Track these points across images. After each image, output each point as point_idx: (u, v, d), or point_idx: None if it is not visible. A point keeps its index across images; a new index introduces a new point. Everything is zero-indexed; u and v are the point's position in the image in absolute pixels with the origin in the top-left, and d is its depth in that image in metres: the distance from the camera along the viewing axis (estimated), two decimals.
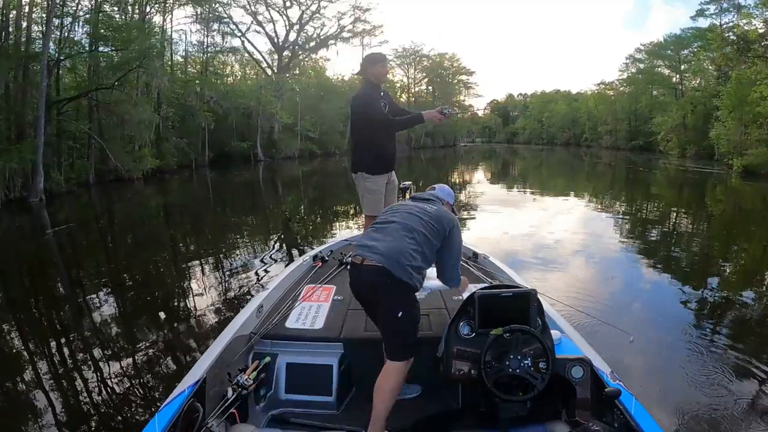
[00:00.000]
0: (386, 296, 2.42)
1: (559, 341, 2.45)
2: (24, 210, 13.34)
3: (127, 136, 20.09)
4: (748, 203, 16.12)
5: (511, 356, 2.18)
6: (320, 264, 4.21)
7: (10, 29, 16.64)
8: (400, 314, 2.37)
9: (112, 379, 3.91)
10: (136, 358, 4.33)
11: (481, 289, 2.48)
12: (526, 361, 2.18)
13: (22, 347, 4.78)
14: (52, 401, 3.59)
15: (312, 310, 3.23)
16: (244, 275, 6.97)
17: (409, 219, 2.51)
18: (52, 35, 18.06)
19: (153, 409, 2.33)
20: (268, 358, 2.69)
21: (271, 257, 8.14)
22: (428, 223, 2.50)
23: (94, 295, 6.29)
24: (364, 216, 4.30)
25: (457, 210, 2.99)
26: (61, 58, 18.18)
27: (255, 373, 2.52)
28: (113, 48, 19.23)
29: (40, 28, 16.86)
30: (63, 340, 4.90)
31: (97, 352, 4.50)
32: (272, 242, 9.90)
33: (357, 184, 4.18)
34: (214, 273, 7.36)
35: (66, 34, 18.64)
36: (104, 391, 3.74)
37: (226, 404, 2.22)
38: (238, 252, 8.74)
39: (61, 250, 9.42)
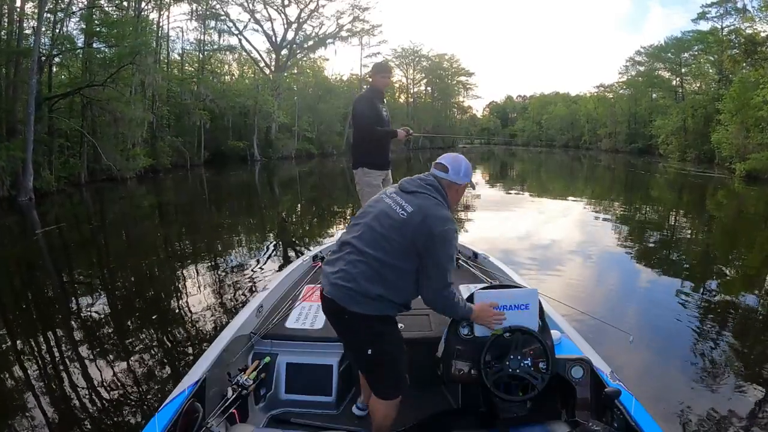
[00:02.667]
0: (347, 332, 2.22)
1: (559, 341, 2.43)
2: (13, 210, 13.03)
3: (121, 134, 19.72)
4: (752, 208, 15.95)
5: (511, 356, 2.16)
6: (320, 264, 4.16)
7: (4, 23, 16.31)
8: (369, 352, 2.14)
9: (112, 380, 3.90)
10: (136, 358, 4.32)
11: (481, 288, 2.42)
12: (525, 361, 2.16)
13: (15, 350, 4.70)
14: (50, 402, 3.58)
15: (312, 310, 3.23)
16: (243, 276, 6.94)
17: (366, 235, 2.10)
18: (43, 29, 17.80)
19: (153, 410, 2.30)
20: (268, 358, 2.70)
21: (270, 258, 8.13)
22: (388, 239, 2.04)
23: (88, 297, 6.21)
24: None
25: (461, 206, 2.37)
26: (54, 53, 17.83)
27: (255, 373, 2.52)
28: (106, 44, 18.88)
29: (33, 23, 16.48)
30: (59, 343, 4.81)
31: (96, 354, 4.45)
32: (271, 243, 9.89)
33: (357, 180, 4.44)
34: (212, 274, 7.23)
35: (58, 30, 18.29)
36: (104, 392, 3.72)
37: (226, 404, 2.22)
38: (236, 253, 8.71)
39: (51, 251, 9.14)
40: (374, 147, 4.37)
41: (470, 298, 2.29)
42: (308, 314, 3.19)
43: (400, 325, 2.75)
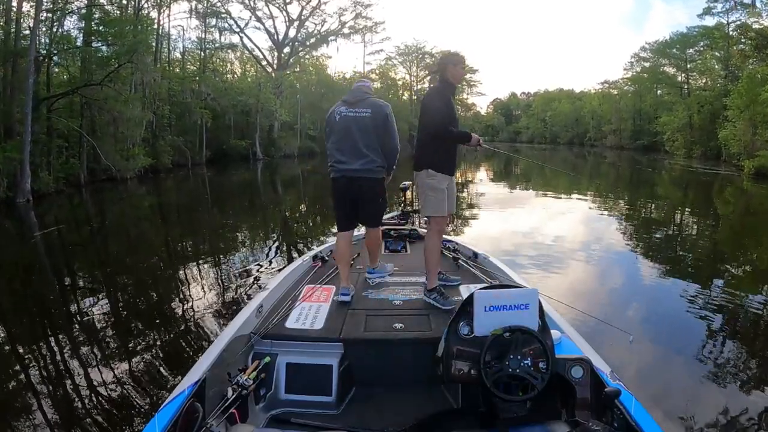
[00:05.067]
0: (370, 191, 3.64)
1: (559, 341, 2.43)
2: (10, 211, 12.86)
3: (121, 134, 19.54)
4: (761, 206, 15.71)
5: (511, 356, 2.16)
6: (320, 264, 4.28)
7: (1, 23, 16.12)
8: (380, 200, 3.75)
9: (112, 380, 3.90)
10: (136, 359, 4.33)
11: (481, 288, 2.41)
12: (525, 361, 2.16)
13: (15, 352, 4.73)
14: (50, 403, 3.61)
15: (312, 310, 3.26)
16: (243, 276, 6.94)
17: (355, 139, 3.55)
18: (44, 29, 17.65)
19: (153, 410, 2.30)
20: (268, 358, 2.69)
21: (270, 257, 8.10)
22: (366, 134, 3.55)
23: (87, 299, 6.18)
24: (421, 217, 3.94)
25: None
26: (54, 52, 17.70)
27: (255, 373, 2.51)
28: (105, 43, 18.69)
29: (30, 23, 16.28)
30: (59, 344, 4.82)
31: (96, 354, 4.47)
32: (272, 242, 9.86)
33: (420, 183, 3.76)
34: (213, 274, 7.24)
35: (56, 29, 18.15)
36: (104, 392, 3.73)
37: (226, 404, 2.21)
38: (237, 253, 8.71)
39: (50, 253, 9.01)
40: (444, 148, 3.74)
41: (470, 299, 2.29)
42: (308, 314, 3.20)
43: (400, 325, 3.01)
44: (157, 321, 5.44)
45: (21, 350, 4.72)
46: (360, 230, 4.40)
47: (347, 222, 3.75)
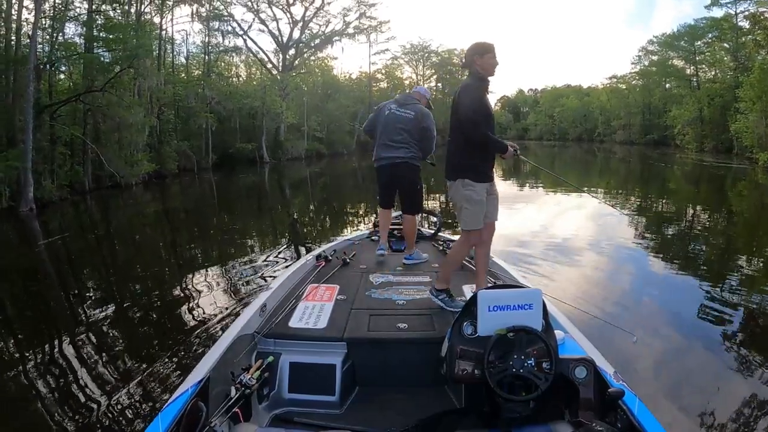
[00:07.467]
0: (409, 176, 4.57)
1: (563, 341, 2.45)
2: (13, 221, 12.79)
3: (125, 139, 19.42)
4: None
5: (515, 356, 2.18)
6: (323, 263, 4.34)
7: (1, 31, 16.10)
8: (418, 187, 4.67)
9: (116, 379, 3.97)
10: (140, 358, 4.39)
11: (485, 288, 2.45)
12: (529, 361, 2.17)
13: (21, 352, 4.82)
14: (54, 402, 3.66)
15: (315, 310, 3.28)
16: (247, 275, 7.02)
17: (399, 132, 4.51)
18: (45, 36, 17.62)
19: (156, 409, 2.30)
20: (271, 358, 2.71)
21: (274, 257, 8.11)
22: (408, 130, 4.51)
23: (93, 302, 6.28)
24: (461, 230, 3.54)
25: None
26: (53, 60, 17.65)
27: (258, 372, 2.52)
28: (106, 49, 18.60)
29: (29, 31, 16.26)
30: (63, 343, 4.85)
31: (100, 354, 4.54)
32: (276, 243, 9.86)
33: (454, 194, 3.47)
34: (217, 274, 7.29)
35: (56, 36, 18.12)
36: (108, 391, 3.77)
37: (230, 403, 2.22)
38: (240, 252, 8.72)
39: (55, 261, 8.98)
40: (480, 152, 3.40)
41: (474, 299, 2.30)
42: (311, 313, 3.23)
43: (403, 325, 3.05)
44: (161, 321, 5.53)
45: (26, 351, 4.76)
46: (360, 232, 4.82)
47: (387, 201, 4.87)
